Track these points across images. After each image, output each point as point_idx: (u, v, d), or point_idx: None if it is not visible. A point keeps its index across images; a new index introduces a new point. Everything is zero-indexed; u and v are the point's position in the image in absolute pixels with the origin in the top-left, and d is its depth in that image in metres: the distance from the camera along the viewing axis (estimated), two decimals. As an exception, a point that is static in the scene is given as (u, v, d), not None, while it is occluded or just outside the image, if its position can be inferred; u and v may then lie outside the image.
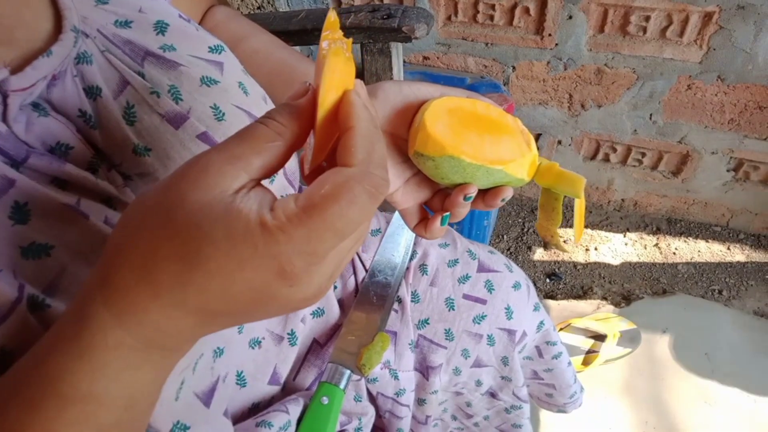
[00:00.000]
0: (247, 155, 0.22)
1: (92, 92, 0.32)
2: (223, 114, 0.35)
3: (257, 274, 0.20)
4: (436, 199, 0.37)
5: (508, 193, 0.35)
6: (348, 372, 0.48)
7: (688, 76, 1.01)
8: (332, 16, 0.26)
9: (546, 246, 1.26)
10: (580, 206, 0.37)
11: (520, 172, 0.34)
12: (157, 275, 0.20)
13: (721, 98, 1.02)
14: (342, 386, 0.47)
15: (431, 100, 0.34)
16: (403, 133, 0.35)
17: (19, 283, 0.25)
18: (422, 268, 0.58)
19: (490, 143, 0.33)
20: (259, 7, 1.10)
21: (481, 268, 0.59)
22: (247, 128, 0.23)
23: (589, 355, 1.05)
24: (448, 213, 0.35)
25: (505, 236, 1.33)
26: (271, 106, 0.41)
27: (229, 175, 0.21)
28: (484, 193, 0.36)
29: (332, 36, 0.25)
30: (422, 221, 0.37)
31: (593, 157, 1.26)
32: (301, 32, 0.70)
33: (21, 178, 0.27)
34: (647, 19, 0.95)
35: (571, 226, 1.33)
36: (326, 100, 0.24)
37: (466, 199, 0.34)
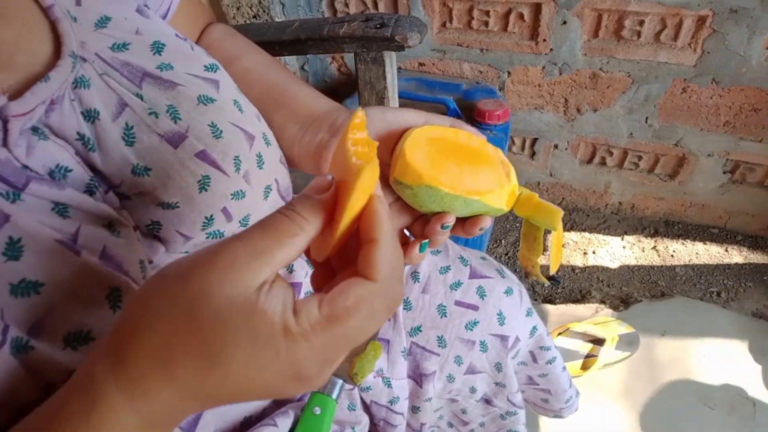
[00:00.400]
0: (271, 249, 0.22)
1: (90, 115, 0.32)
2: (221, 131, 0.36)
3: (275, 376, 0.21)
4: (417, 225, 0.37)
5: (487, 223, 0.35)
6: (340, 381, 0.48)
7: (683, 80, 1.01)
8: (358, 117, 0.25)
9: (527, 275, 1.26)
10: (557, 238, 0.38)
11: (498, 202, 0.35)
12: (175, 368, 0.21)
13: (716, 101, 1.02)
14: (334, 396, 0.47)
15: (414, 128, 0.34)
16: (385, 158, 0.35)
17: (4, 324, 0.25)
18: (414, 275, 0.59)
19: (469, 173, 0.34)
20: (254, 17, 1.11)
21: (473, 275, 0.59)
22: (270, 219, 0.23)
23: (588, 360, 1.05)
24: (427, 240, 0.36)
25: (503, 241, 1.34)
26: (263, 123, 0.41)
27: (255, 270, 0.21)
28: (463, 221, 0.36)
29: (359, 138, 0.25)
30: (402, 246, 0.36)
31: (590, 161, 1.27)
32: (295, 42, 0.70)
33: (16, 212, 0.27)
34: (641, 23, 0.96)
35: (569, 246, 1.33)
36: (354, 208, 0.24)
37: (443, 227, 0.34)
